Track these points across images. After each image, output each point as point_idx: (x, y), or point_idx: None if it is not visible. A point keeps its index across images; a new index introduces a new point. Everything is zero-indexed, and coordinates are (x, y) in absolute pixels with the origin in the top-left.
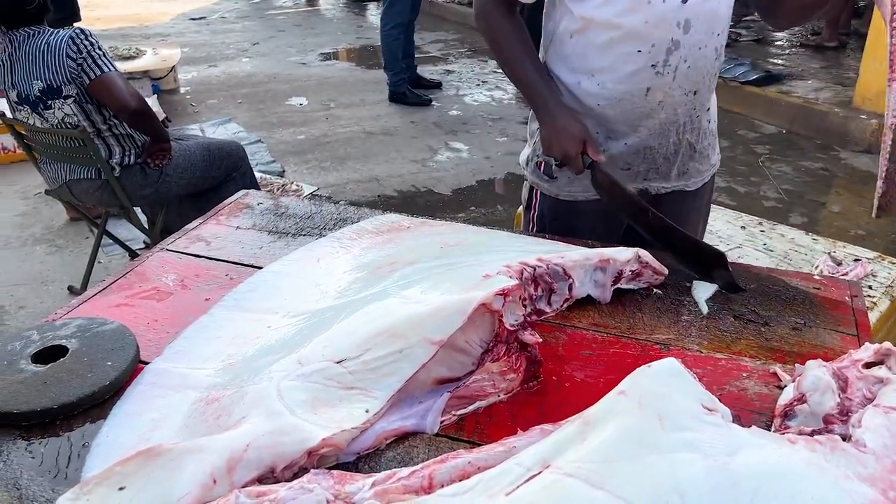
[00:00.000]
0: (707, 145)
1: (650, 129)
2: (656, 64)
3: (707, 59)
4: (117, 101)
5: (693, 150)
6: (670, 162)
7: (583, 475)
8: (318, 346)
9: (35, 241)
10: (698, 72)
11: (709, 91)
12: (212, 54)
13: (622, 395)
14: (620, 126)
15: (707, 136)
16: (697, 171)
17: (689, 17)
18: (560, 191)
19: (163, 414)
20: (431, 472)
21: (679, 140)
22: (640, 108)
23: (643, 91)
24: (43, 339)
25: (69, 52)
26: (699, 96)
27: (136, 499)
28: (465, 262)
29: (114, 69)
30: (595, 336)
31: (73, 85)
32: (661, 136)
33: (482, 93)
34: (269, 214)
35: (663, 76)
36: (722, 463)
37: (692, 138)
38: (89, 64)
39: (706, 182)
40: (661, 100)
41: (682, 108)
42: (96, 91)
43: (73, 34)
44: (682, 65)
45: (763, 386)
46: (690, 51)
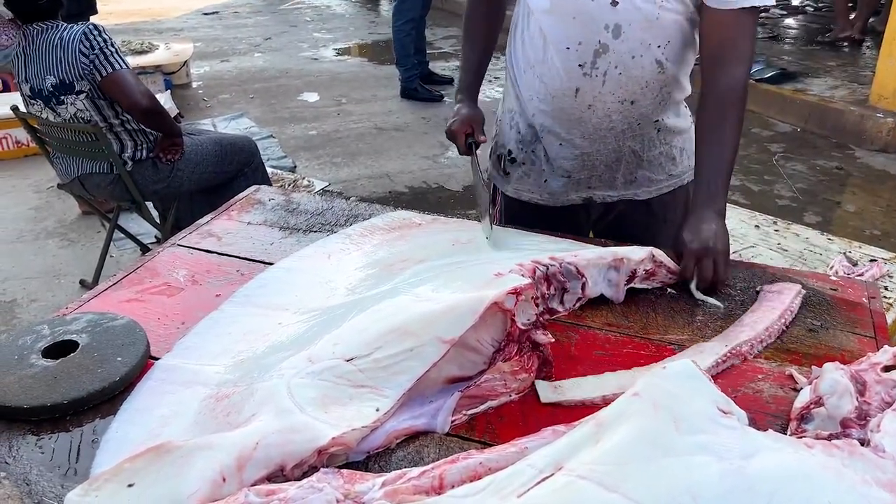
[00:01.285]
0: (659, 154)
1: (584, 134)
2: (584, 64)
3: (644, 69)
4: (128, 99)
5: (639, 157)
6: (612, 169)
7: (596, 477)
8: (328, 344)
9: (48, 235)
10: (633, 81)
11: (654, 104)
12: (224, 49)
13: (636, 397)
14: (557, 128)
15: (658, 146)
16: (648, 179)
17: (620, 23)
18: (509, 187)
19: (173, 410)
20: (442, 473)
21: (619, 147)
22: (571, 108)
23: (573, 91)
24: (53, 334)
25: (81, 48)
26: (638, 106)
27: (145, 495)
28: (476, 260)
29: (126, 66)
30: (608, 336)
31: (85, 81)
32: (598, 142)
33: (494, 89)
34: (281, 210)
35: (591, 78)
36: (737, 466)
37: (635, 146)
38: (101, 61)
39: (666, 193)
40: (590, 103)
41: (618, 116)
42: (108, 88)
43: (87, 30)
44: (613, 70)
45: (779, 388)
46: (621, 58)
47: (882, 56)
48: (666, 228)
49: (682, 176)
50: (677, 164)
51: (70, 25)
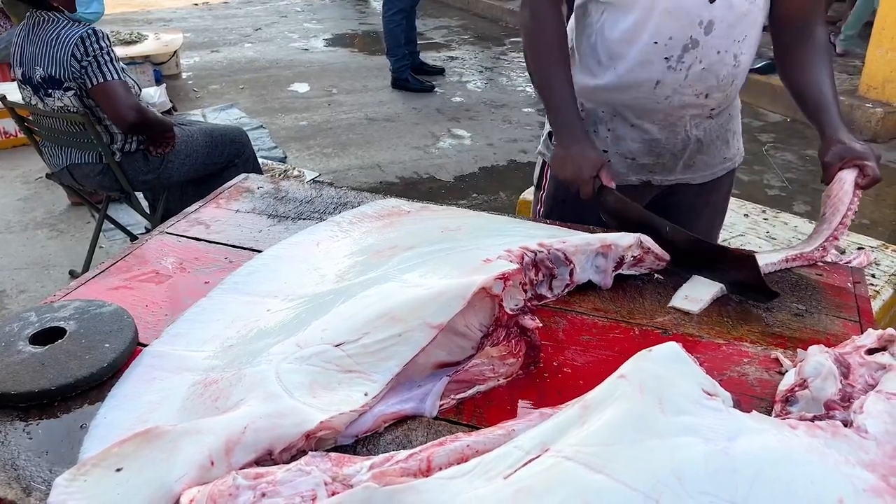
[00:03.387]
0: (717, 138)
1: (654, 121)
2: (670, 58)
3: (724, 64)
4: (115, 112)
5: (701, 144)
6: (676, 157)
7: (582, 459)
8: (317, 330)
9: (37, 226)
10: (713, 75)
11: (724, 96)
12: (214, 40)
13: (622, 379)
14: (628, 113)
15: (717, 130)
16: (705, 163)
17: (713, 18)
18: None
19: (161, 396)
20: (430, 455)
21: (687, 136)
22: (646, 98)
23: (653, 83)
24: (41, 321)
25: (75, 51)
26: (710, 100)
27: (133, 480)
28: (465, 246)
29: (117, 77)
30: (595, 321)
31: (74, 82)
32: (668, 130)
33: (485, 79)
34: (269, 198)
35: (675, 72)
36: (722, 447)
37: (699, 134)
38: (94, 69)
39: (718, 177)
40: (668, 95)
41: (692, 109)
42: (96, 97)
43: (85, 34)
44: (697, 65)
45: (764, 371)
46: (707, 52)
47: (871, 46)
48: (707, 211)
49: (734, 159)
50: (730, 148)
51: (72, 24)
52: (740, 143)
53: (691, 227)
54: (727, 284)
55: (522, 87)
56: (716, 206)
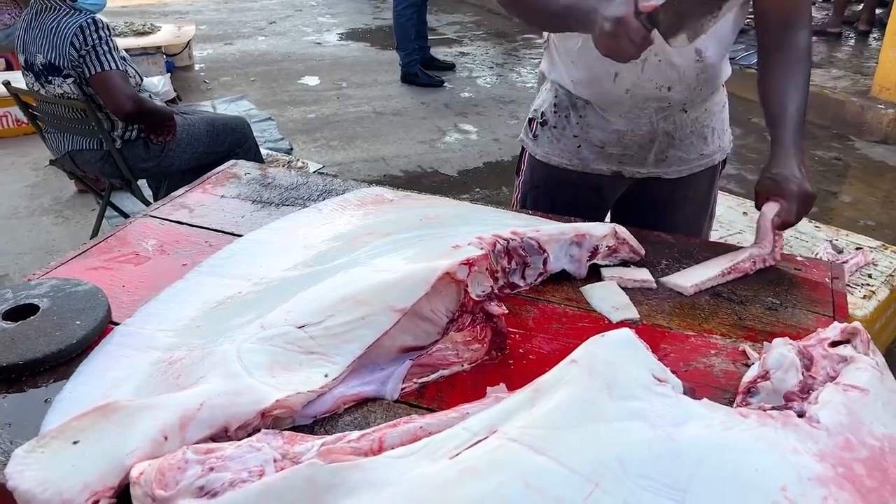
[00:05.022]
0: (690, 133)
1: (620, 113)
2: None
3: (684, 57)
4: (113, 101)
5: (671, 138)
6: (645, 149)
7: (527, 441)
8: (281, 312)
9: (43, 212)
10: (672, 68)
11: (690, 90)
12: (228, 32)
13: (574, 364)
14: (594, 103)
15: (691, 126)
16: (679, 158)
17: None
18: (538, 150)
19: (126, 373)
20: (382, 436)
21: (653, 128)
22: (608, 90)
23: (611, 75)
24: (16, 298)
25: (74, 40)
26: (674, 92)
27: (88, 452)
28: (439, 233)
29: (116, 67)
30: (566, 310)
31: (73, 71)
32: (633, 122)
33: (495, 76)
34: (255, 184)
35: (632, 64)
36: (667, 433)
37: (668, 127)
38: (92, 58)
39: (695, 173)
40: (628, 88)
41: (654, 101)
42: (94, 86)
43: (85, 23)
44: (653, 58)
45: (730, 363)
46: (663, 46)
47: (885, 47)
48: (685, 206)
49: (713, 156)
50: (708, 144)
51: (73, 13)
52: (723, 140)
53: (670, 222)
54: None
55: (532, 83)
56: (696, 202)
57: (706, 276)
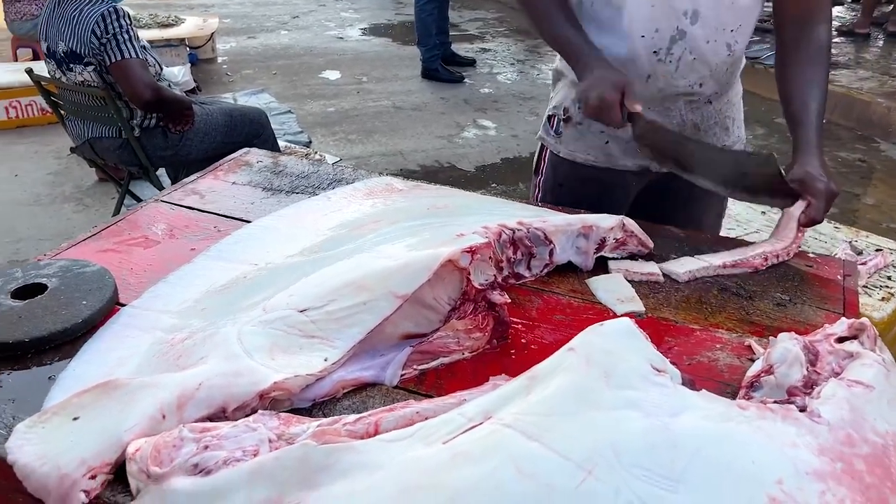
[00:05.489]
0: (714, 124)
1: (650, 108)
2: (658, 51)
3: (716, 53)
4: (131, 89)
5: (697, 130)
6: None
7: (521, 427)
8: (284, 295)
9: (64, 200)
10: (704, 65)
11: (719, 84)
12: (252, 26)
13: (571, 352)
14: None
15: (715, 117)
16: None
17: (698, 8)
18: (562, 147)
19: (130, 353)
20: (378, 420)
21: (682, 120)
22: (639, 91)
23: (644, 77)
24: (25, 277)
25: (95, 28)
26: (705, 87)
27: (87, 428)
28: (445, 222)
29: (136, 55)
30: (571, 302)
31: (93, 59)
32: (662, 116)
33: (516, 72)
34: (267, 172)
35: (665, 64)
36: (663, 423)
37: (696, 119)
38: (112, 46)
39: None
40: (661, 87)
41: (686, 97)
42: (113, 74)
43: (106, 12)
44: (687, 56)
45: (735, 358)
46: (696, 42)
47: None
48: (703, 199)
49: (734, 147)
50: (730, 135)
51: (95, 1)
52: (741, 131)
53: (689, 213)
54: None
55: None
56: (713, 196)
57: (702, 264)
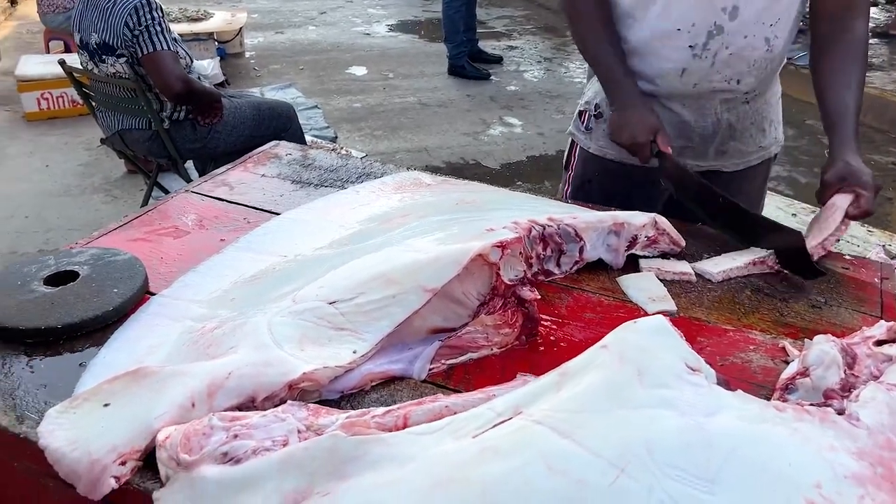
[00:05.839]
0: (751, 125)
1: (684, 104)
2: (695, 46)
3: (754, 49)
4: (163, 81)
5: (733, 129)
6: (707, 141)
7: (551, 423)
8: (313, 287)
9: (93, 191)
10: (742, 61)
11: (758, 81)
12: (279, 21)
13: (604, 349)
14: (657, 97)
15: (752, 117)
16: (738, 151)
17: (738, 3)
18: (592, 143)
19: (160, 341)
20: (407, 413)
21: (718, 120)
22: (673, 86)
23: (678, 71)
24: (57, 265)
25: (128, 20)
26: (743, 84)
27: (118, 415)
28: (474, 217)
29: (167, 47)
30: (601, 300)
31: (126, 50)
32: (697, 114)
33: (543, 70)
34: (296, 165)
35: (700, 60)
36: (698, 422)
37: (731, 119)
38: (145, 38)
39: (752, 166)
40: (696, 83)
41: (722, 94)
42: (145, 65)
43: (139, 4)
44: (723, 51)
45: (769, 360)
46: (734, 38)
47: None
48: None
49: (770, 148)
50: (766, 136)
51: None
52: (778, 133)
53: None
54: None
55: (580, 78)
56: (749, 196)
57: (736, 263)
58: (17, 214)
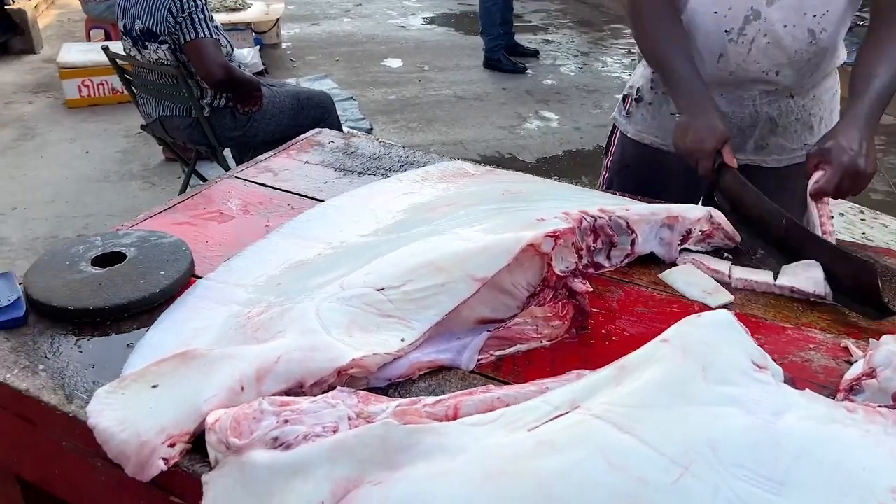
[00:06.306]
0: (796, 121)
1: (722, 93)
2: (730, 31)
3: (796, 39)
4: (204, 68)
5: (774, 124)
6: (745, 134)
7: (611, 418)
8: (361, 274)
9: (132, 177)
10: (781, 51)
11: (799, 75)
12: (315, 13)
13: (665, 343)
14: None
15: (797, 113)
16: (781, 147)
17: None
18: (631, 128)
19: (206, 324)
20: (458, 403)
21: (756, 112)
22: (711, 72)
23: (715, 56)
24: (105, 246)
25: (172, 7)
26: (782, 77)
27: (166, 396)
28: (522, 206)
29: (210, 35)
30: (653, 294)
31: (168, 37)
32: (735, 104)
33: (580, 64)
34: (339, 153)
35: (737, 45)
36: (765, 421)
37: (773, 112)
38: (187, 25)
39: (797, 163)
40: (732, 70)
41: (761, 86)
42: (187, 52)
43: None
44: (761, 38)
45: (831, 360)
46: (772, 25)
47: None
48: (782, 198)
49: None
50: (814, 134)
51: None
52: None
53: None
54: (835, 291)
55: (618, 73)
56: (794, 195)
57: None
58: (57, 199)
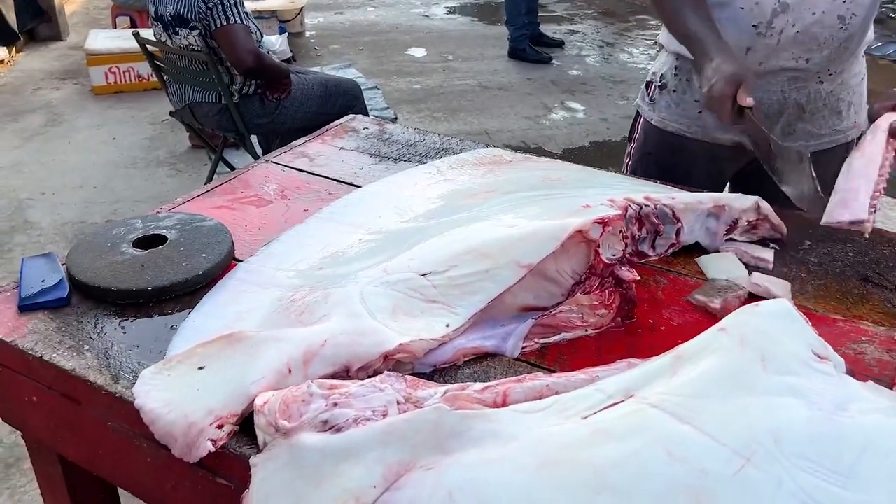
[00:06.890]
0: (823, 106)
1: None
2: (758, 24)
3: (825, 26)
4: (234, 55)
5: (802, 110)
6: (772, 120)
7: (668, 408)
8: (404, 258)
9: (158, 164)
10: (812, 38)
11: (829, 60)
12: (339, 2)
13: (722, 332)
14: None
15: (825, 98)
16: (808, 133)
17: None
18: (654, 115)
19: (248, 307)
20: (506, 390)
21: (784, 98)
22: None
23: (743, 50)
24: (146, 228)
25: None
26: (812, 64)
27: (213, 378)
28: (564, 193)
29: (241, 21)
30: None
31: (199, 23)
32: (762, 91)
33: (605, 55)
34: (374, 139)
35: (765, 38)
36: (828, 413)
37: (801, 98)
38: (219, 11)
39: (824, 150)
40: (761, 61)
41: (790, 73)
42: (218, 39)
43: None
44: (790, 29)
45: (885, 352)
46: (800, 14)
47: None
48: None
49: (847, 132)
50: (842, 119)
51: None
52: (859, 116)
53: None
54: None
55: (644, 64)
56: (823, 182)
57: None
58: (86, 185)
